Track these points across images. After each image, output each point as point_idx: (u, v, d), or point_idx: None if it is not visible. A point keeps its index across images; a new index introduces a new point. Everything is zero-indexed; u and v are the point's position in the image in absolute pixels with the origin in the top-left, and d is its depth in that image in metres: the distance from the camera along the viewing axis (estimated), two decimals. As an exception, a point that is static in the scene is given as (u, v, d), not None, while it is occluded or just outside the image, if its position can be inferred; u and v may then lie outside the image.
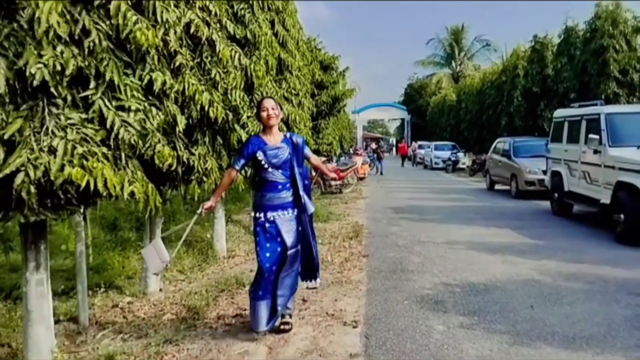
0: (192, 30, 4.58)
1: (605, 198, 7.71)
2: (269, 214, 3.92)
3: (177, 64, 4.44)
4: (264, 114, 4.03)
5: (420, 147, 34.76)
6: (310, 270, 4.18)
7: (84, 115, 2.90)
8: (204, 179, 5.00)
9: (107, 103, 2.98)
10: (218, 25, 5.17)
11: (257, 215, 3.98)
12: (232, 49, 5.19)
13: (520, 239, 7.59)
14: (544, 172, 11.85)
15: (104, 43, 2.94)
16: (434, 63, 49.20)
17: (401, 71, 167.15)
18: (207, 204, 4.05)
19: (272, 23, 8.24)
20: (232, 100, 5.36)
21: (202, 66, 4.88)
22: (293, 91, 8.80)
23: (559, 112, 10.44)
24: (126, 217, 8.67)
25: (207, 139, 5.06)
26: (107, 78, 2.93)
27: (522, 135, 16.87)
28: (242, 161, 4.03)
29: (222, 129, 5.42)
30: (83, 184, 2.61)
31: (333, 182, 15.13)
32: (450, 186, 17.80)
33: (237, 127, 5.38)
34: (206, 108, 4.61)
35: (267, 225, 3.90)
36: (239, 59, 5.35)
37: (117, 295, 5.25)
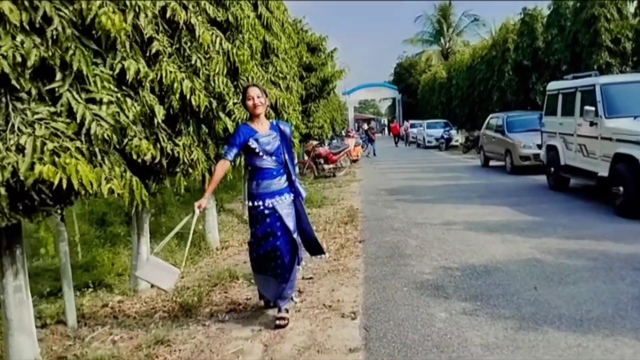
0: (168, 15, 4.34)
1: (603, 171, 7.57)
2: (267, 201, 3.89)
3: (154, 51, 4.21)
4: (250, 103, 3.94)
5: (412, 126, 34.54)
6: (315, 247, 4.27)
7: (52, 109, 2.68)
8: (190, 170, 4.81)
9: (76, 96, 2.76)
10: (197, 8, 4.91)
11: (256, 204, 3.91)
12: (212, 33, 4.94)
13: (518, 216, 7.45)
14: (539, 147, 11.68)
15: (68, 31, 2.71)
16: (422, 41, 48.77)
17: (390, 51, 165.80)
18: (201, 203, 3.89)
19: (255, 5, 7.96)
20: (215, 87, 5.14)
21: (181, 52, 4.64)
22: (280, 75, 8.54)
23: (553, 85, 10.24)
24: (116, 211, 8.45)
25: (191, 129, 4.85)
26: (75, 68, 2.71)
27: (515, 109, 16.71)
28: (235, 150, 3.92)
29: (207, 118, 5.20)
30: (56, 182, 2.40)
31: (326, 166, 14.93)
32: (445, 164, 17.65)
33: (222, 115, 5.16)
34: (187, 96, 4.39)
35: (266, 212, 3.88)
36: (221, 44, 5.11)
37: (107, 294, 5.07)
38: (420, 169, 16.02)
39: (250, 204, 3.95)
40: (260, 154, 3.89)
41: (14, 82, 2.45)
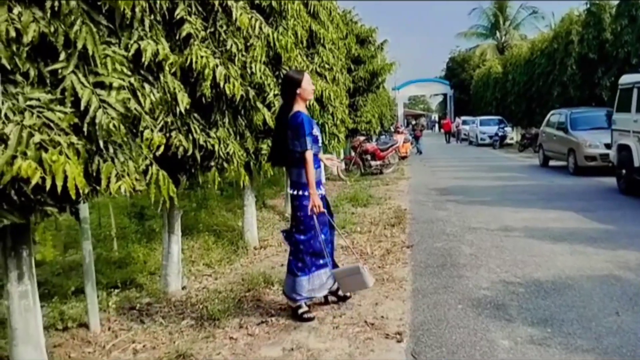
0: (202, -5, 3.97)
1: (688, 175, 6.69)
2: (321, 189, 3.96)
3: (184, 34, 3.85)
4: (311, 88, 4.03)
5: (464, 122, 33.36)
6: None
7: (51, 96, 2.31)
8: (225, 165, 4.42)
9: (82, 79, 2.38)
10: (235, -11, 4.49)
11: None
12: (252, 17, 4.51)
13: (588, 223, 6.68)
14: (607, 146, 10.71)
15: (73, 2, 2.33)
16: (477, 34, 47.06)
17: (442, 45, 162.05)
18: (315, 201, 3.77)
19: (302, -8, 7.53)
20: (254, 75, 4.74)
21: (216, 37, 4.25)
22: (326, 66, 8.09)
23: (627, 78, 9.27)
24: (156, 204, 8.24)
25: (227, 120, 4.46)
26: (79, 47, 2.32)
27: (578, 106, 15.57)
28: (311, 139, 3.80)
29: (244, 109, 4.80)
30: (33, 181, 2.02)
31: (373, 162, 14.37)
32: (499, 163, 16.70)
33: (260, 106, 4.73)
34: (221, 84, 4.00)
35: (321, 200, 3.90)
36: (261, 28, 4.67)
37: (136, 294, 4.77)
38: (473, 168, 15.18)
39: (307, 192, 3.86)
40: (318, 141, 3.94)
41: (4, 61, 2.09)
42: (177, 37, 3.86)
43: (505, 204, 8.44)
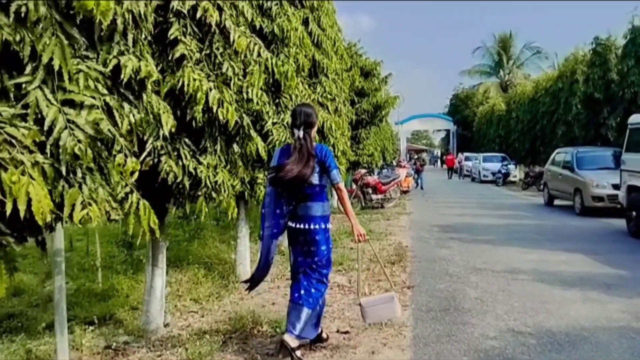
0: (199, 15, 3.76)
1: None
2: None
3: (178, 55, 3.64)
4: None
5: (467, 158, 33.13)
6: None
7: (14, 111, 2.05)
8: (214, 194, 4.13)
9: (49, 95, 2.12)
10: (234, 11, 4.30)
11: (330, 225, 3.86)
12: (250, 41, 4.31)
13: (599, 267, 6.32)
14: (615, 187, 10.44)
15: (43, 9, 2.09)
16: (480, 72, 47.45)
17: (446, 81, 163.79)
18: (358, 229, 3.78)
19: (306, 21, 7.40)
20: (251, 102, 4.52)
21: (212, 59, 4.04)
22: (329, 96, 7.89)
23: (637, 118, 9.04)
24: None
25: (218, 147, 4.19)
26: (45, 60, 2.07)
27: (582, 145, 15.34)
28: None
29: (238, 136, 4.54)
30: None
31: (374, 196, 14.07)
32: (503, 201, 16.37)
33: (253, 134, 4.46)
34: (214, 109, 3.76)
35: None
36: (259, 53, 4.47)
37: (114, 331, 4.42)
38: (477, 205, 14.85)
39: (328, 225, 3.82)
40: None
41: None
42: (169, 58, 3.66)
43: (511, 244, 8.09)
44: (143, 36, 2.88)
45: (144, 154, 3.39)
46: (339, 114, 8.59)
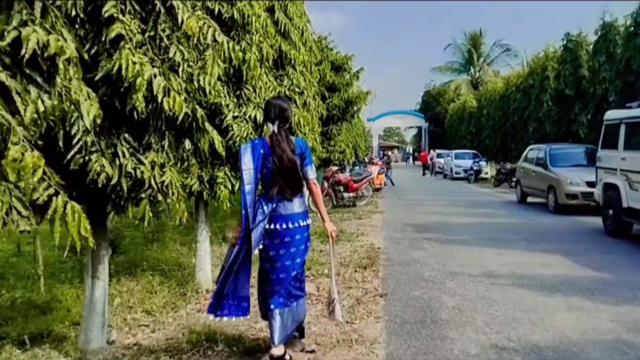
0: (139, -10, 3.25)
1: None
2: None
3: (113, 34, 3.11)
4: None
5: (439, 155, 33.11)
6: None
7: None
8: (160, 197, 3.61)
9: None
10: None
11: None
12: (204, 23, 3.80)
13: (580, 270, 6.02)
14: (589, 184, 10.28)
15: None
16: (451, 69, 47.72)
17: (418, 78, 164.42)
18: (327, 226, 3.72)
19: (272, 9, 6.91)
20: (208, 92, 4.01)
21: (157, 42, 3.52)
22: (297, 89, 7.40)
23: (613, 114, 8.83)
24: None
25: (166, 143, 3.68)
26: None
27: (554, 142, 15.25)
28: None
29: (191, 130, 4.02)
30: None
31: (346, 194, 13.66)
32: (476, 198, 16.18)
33: (209, 127, 3.95)
34: (159, 98, 3.25)
35: None
36: (214, 36, 3.96)
37: (49, 353, 3.87)
38: (450, 203, 14.59)
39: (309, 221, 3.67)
40: None
41: None
42: (103, 39, 3.12)
43: (486, 244, 7.77)
44: (64, 9, 2.36)
45: (73, 151, 2.87)
46: (308, 108, 8.11)
